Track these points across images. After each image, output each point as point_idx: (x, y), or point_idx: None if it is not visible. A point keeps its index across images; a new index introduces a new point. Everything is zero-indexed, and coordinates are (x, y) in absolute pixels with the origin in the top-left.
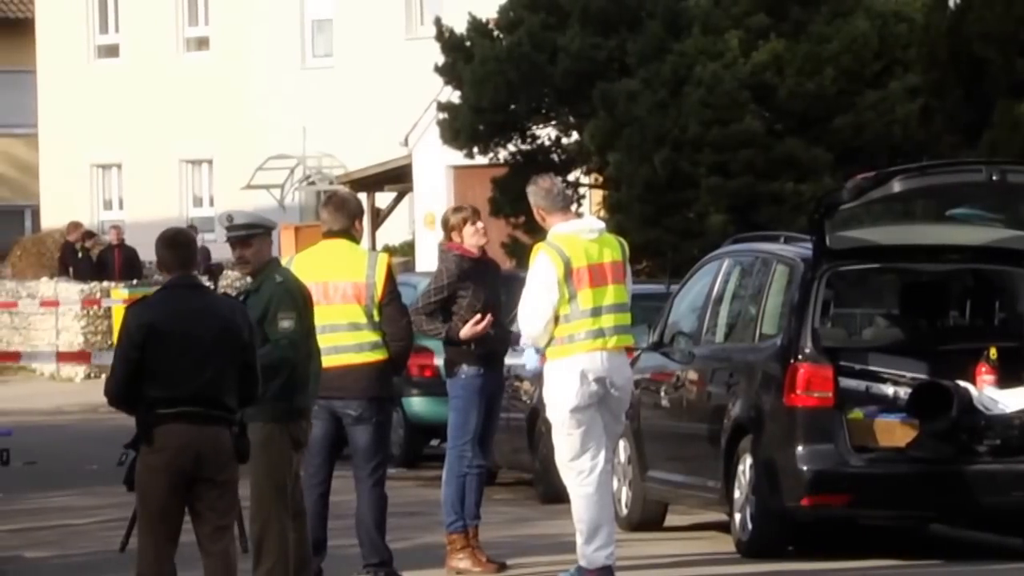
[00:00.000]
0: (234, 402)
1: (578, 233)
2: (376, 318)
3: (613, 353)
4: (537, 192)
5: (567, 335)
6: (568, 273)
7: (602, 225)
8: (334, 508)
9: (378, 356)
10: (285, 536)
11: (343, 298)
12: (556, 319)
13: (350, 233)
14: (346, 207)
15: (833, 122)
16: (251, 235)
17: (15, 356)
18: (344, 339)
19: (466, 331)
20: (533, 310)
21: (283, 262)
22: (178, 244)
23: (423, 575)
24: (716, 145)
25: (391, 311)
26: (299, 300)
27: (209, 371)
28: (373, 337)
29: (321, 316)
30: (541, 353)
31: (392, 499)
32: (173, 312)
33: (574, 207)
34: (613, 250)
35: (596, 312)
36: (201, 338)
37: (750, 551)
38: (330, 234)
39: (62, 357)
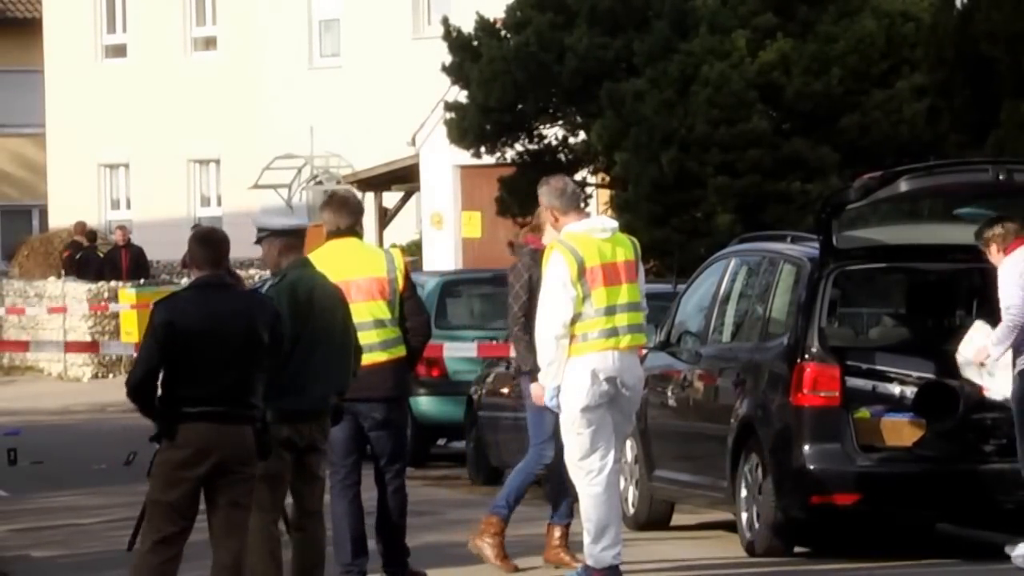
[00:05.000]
0: (259, 400)
1: (590, 232)
2: (397, 313)
3: (625, 353)
4: (549, 192)
5: (580, 334)
6: (582, 272)
7: (615, 224)
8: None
9: (400, 353)
10: (264, 534)
11: (367, 295)
12: (573, 318)
13: (355, 231)
14: (347, 205)
15: (840, 122)
16: (259, 238)
17: (23, 345)
18: (370, 336)
19: (536, 393)
20: (553, 309)
21: None
22: (210, 242)
23: (431, 574)
24: (723, 145)
25: (413, 304)
26: (292, 301)
27: (234, 371)
28: (396, 333)
29: None
30: (557, 394)
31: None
32: (200, 312)
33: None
34: (626, 249)
35: (610, 311)
36: (227, 339)
37: (757, 550)
38: (337, 233)
39: (69, 347)
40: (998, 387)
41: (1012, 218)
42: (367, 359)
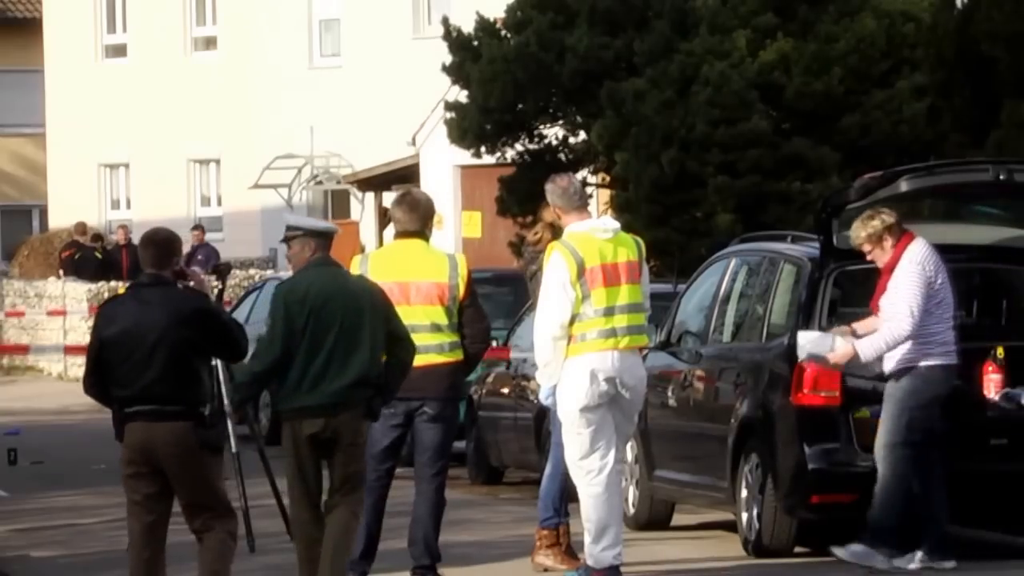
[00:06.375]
0: (200, 394)
1: (592, 232)
2: (455, 319)
3: (625, 353)
4: (554, 190)
5: (579, 334)
6: (581, 272)
7: (617, 225)
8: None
9: (457, 356)
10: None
11: (426, 298)
12: (571, 319)
13: (424, 234)
14: (420, 208)
15: (840, 121)
16: (289, 237)
17: (24, 349)
18: (426, 339)
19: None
20: (551, 310)
21: (355, 260)
22: (152, 243)
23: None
24: (723, 144)
25: (473, 313)
26: (287, 303)
27: (152, 371)
28: (453, 337)
29: (402, 316)
30: (553, 390)
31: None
32: (123, 314)
33: None
34: (629, 250)
35: (609, 312)
36: (143, 338)
37: (757, 550)
38: (405, 234)
39: (69, 350)
40: None
41: (888, 208)
42: (422, 360)
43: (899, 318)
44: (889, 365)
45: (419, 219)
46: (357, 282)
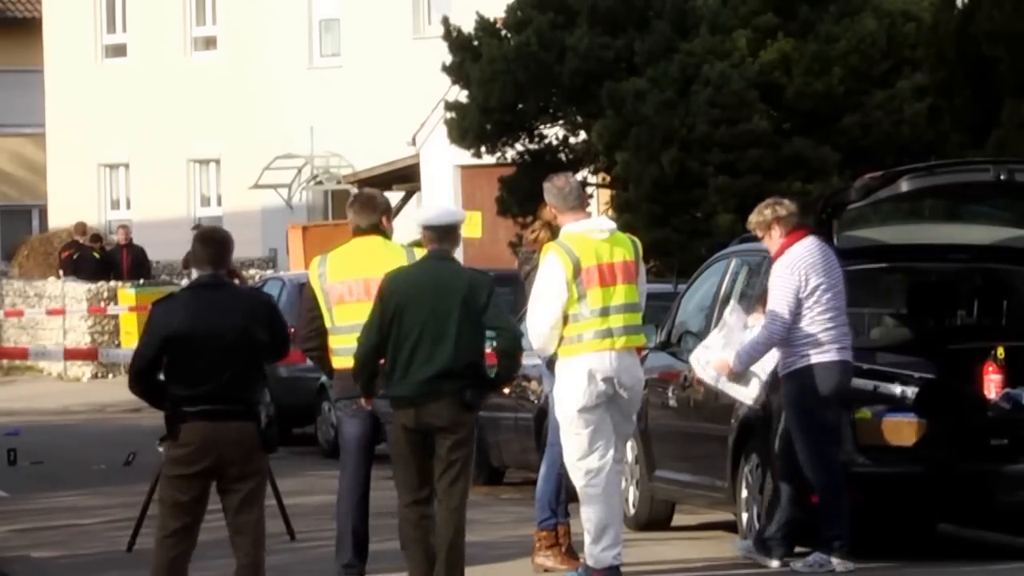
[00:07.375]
0: (259, 395)
1: (588, 232)
2: None
3: (622, 353)
4: (550, 190)
5: (576, 334)
6: (577, 273)
7: (613, 225)
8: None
9: None
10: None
11: None
12: (565, 319)
13: (379, 229)
14: (372, 204)
15: (841, 121)
16: None
17: (23, 353)
18: None
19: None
20: (541, 311)
21: (314, 261)
22: (212, 241)
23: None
24: (724, 144)
25: None
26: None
27: (228, 370)
28: None
29: (365, 313)
30: (548, 359)
31: (394, 498)
32: (192, 313)
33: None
34: (625, 250)
35: (605, 312)
36: (218, 338)
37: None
38: (359, 231)
39: (69, 354)
40: (751, 393)
41: (789, 200)
42: None
43: (765, 325)
44: (789, 367)
45: (372, 215)
46: (455, 276)
